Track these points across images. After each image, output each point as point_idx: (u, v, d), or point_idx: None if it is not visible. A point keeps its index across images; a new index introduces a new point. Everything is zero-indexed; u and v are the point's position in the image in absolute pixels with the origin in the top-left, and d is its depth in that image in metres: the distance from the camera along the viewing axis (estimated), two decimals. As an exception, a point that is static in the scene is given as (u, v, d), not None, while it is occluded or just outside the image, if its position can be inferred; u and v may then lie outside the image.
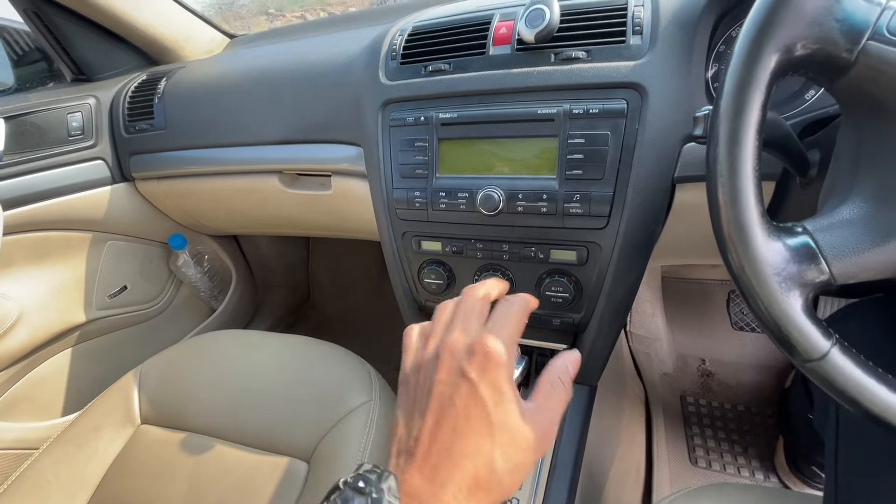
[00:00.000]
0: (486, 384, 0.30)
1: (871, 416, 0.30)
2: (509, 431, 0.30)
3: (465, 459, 0.29)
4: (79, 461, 0.69)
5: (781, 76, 0.30)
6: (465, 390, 0.31)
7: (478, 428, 0.30)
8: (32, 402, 0.89)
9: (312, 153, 0.76)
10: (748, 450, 0.93)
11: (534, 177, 0.55)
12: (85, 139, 0.86)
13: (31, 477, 0.67)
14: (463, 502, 0.29)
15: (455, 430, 0.30)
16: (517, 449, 0.30)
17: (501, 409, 0.30)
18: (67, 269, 0.91)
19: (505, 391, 0.31)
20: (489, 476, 0.30)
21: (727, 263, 0.33)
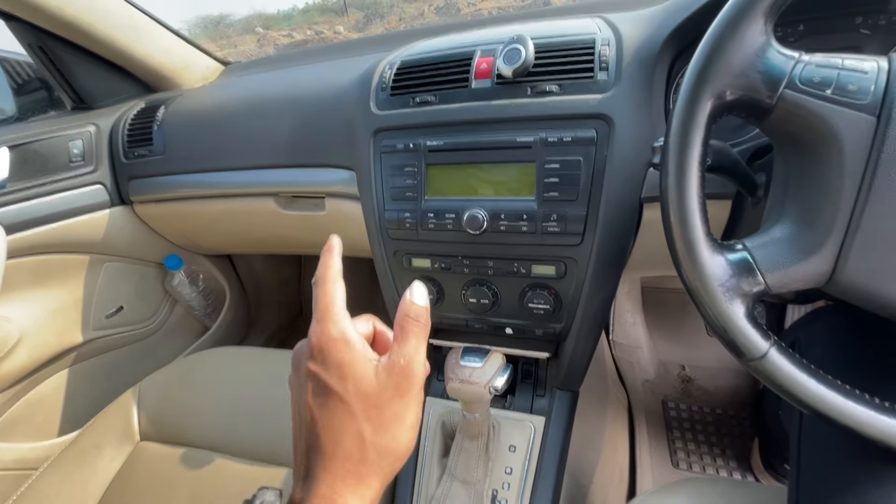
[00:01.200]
0: (328, 366, 0.30)
1: (805, 406, 0.35)
2: (365, 395, 0.30)
3: (334, 445, 0.29)
4: (79, 480, 0.71)
5: (718, 117, 0.36)
6: (311, 386, 0.30)
7: (335, 411, 0.30)
8: (30, 423, 0.90)
9: (307, 177, 0.80)
10: (726, 451, 0.98)
11: (515, 198, 0.59)
12: (85, 165, 0.90)
13: (33, 497, 0.69)
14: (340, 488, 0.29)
15: (313, 422, 0.30)
16: (381, 405, 0.30)
17: (350, 381, 0.30)
18: (66, 291, 0.93)
19: (346, 362, 0.30)
20: (363, 449, 0.29)
21: (680, 276, 0.38)
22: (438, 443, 0.68)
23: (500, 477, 0.61)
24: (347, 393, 0.30)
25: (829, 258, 0.34)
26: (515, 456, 0.62)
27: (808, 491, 0.40)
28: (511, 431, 0.65)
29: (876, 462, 0.36)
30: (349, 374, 0.30)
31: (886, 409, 0.33)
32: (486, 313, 0.66)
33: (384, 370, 0.31)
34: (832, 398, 0.34)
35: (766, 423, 0.86)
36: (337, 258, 0.35)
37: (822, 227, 0.34)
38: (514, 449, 0.63)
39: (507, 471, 0.61)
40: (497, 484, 0.61)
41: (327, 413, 0.30)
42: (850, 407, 0.34)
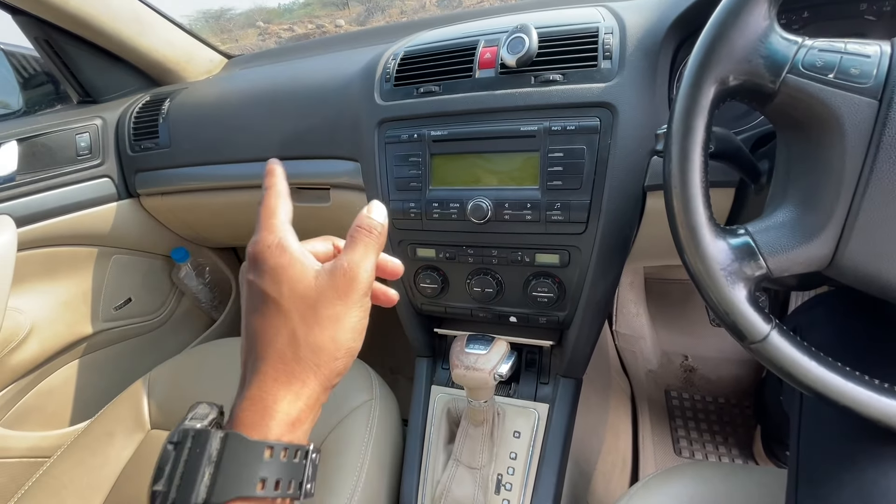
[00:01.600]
0: (263, 273, 0.30)
1: (805, 388, 0.36)
2: (300, 297, 0.29)
3: (266, 346, 0.29)
4: (92, 466, 0.72)
5: (721, 103, 0.36)
6: (248, 294, 0.31)
7: (267, 315, 0.29)
8: (42, 413, 0.92)
9: (312, 168, 0.80)
10: (728, 439, 0.98)
11: (518, 188, 0.60)
12: (92, 158, 0.90)
13: (48, 482, 0.70)
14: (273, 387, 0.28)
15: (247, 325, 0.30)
16: (318, 306, 0.29)
17: (285, 284, 0.29)
18: (75, 283, 0.94)
19: (280, 265, 0.30)
20: (296, 348, 0.29)
21: (683, 261, 0.39)
22: (444, 429, 0.69)
23: (504, 462, 0.62)
24: (282, 296, 0.29)
25: (831, 241, 0.34)
26: (520, 442, 0.63)
27: (807, 471, 0.41)
28: (515, 418, 0.66)
29: (874, 442, 0.37)
30: (284, 277, 0.30)
31: (885, 390, 0.34)
32: (491, 302, 0.67)
33: (326, 273, 0.30)
34: (832, 380, 0.35)
35: (767, 410, 0.87)
36: (280, 179, 0.35)
37: (823, 210, 0.34)
38: (518, 435, 0.64)
39: (512, 456, 0.62)
40: (502, 469, 0.62)
41: (261, 318, 0.30)
42: (849, 388, 0.34)
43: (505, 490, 0.60)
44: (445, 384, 0.75)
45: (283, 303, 0.30)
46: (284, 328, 0.29)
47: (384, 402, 0.73)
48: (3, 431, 0.85)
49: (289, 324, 0.29)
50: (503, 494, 0.60)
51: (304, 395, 0.29)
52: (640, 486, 0.55)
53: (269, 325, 0.30)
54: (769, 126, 0.55)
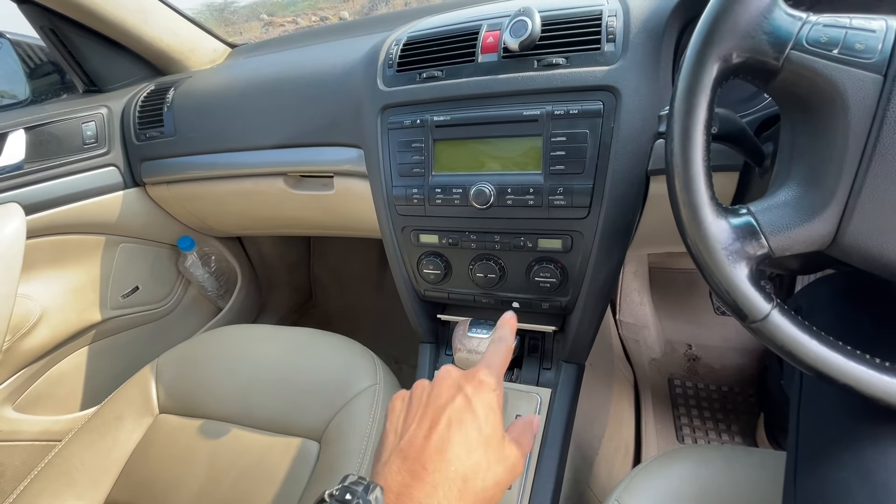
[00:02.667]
0: (479, 400, 0.34)
1: (806, 366, 0.36)
2: (496, 446, 0.33)
3: (457, 462, 0.31)
4: (103, 449, 0.74)
5: (724, 80, 0.36)
6: (460, 401, 0.34)
7: (470, 435, 0.33)
8: (53, 398, 0.94)
9: (315, 156, 0.81)
10: (731, 427, 0.99)
11: (521, 172, 0.60)
12: (98, 147, 0.91)
13: (60, 464, 0.72)
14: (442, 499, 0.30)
15: (449, 433, 0.32)
16: (501, 463, 0.33)
17: (490, 425, 0.34)
18: (83, 271, 0.96)
19: (495, 411, 0.35)
20: (476, 483, 0.31)
21: (685, 242, 0.39)
22: (447, 414, 0.69)
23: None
24: (486, 432, 0.33)
25: (833, 219, 0.34)
26: (522, 425, 0.64)
27: (806, 450, 0.41)
28: (518, 402, 0.66)
29: (874, 421, 0.37)
30: (492, 419, 0.34)
31: (886, 369, 0.34)
32: (493, 288, 0.67)
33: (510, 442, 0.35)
34: (833, 358, 0.35)
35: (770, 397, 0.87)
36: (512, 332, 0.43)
37: (826, 188, 0.34)
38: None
39: (514, 439, 0.63)
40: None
41: (463, 433, 0.33)
42: (850, 366, 0.34)
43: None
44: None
45: (484, 439, 0.33)
46: (477, 457, 0.32)
47: (388, 386, 0.74)
48: (16, 415, 0.87)
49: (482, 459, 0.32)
50: (505, 476, 0.61)
51: None
52: (641, 468, 0.56)
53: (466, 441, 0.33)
54: (774, 109, 0.54)
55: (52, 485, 0.70)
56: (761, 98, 0.56)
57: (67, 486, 0.70)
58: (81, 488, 0.70)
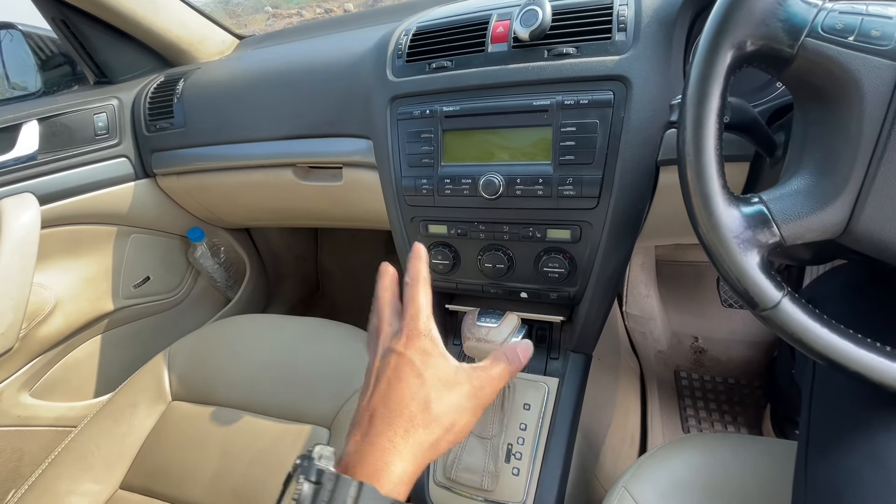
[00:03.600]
0: (413, 350, 0.36)
1: (817, 355, 0.36)
2: (441, 379, 0.36)
3: (401, 406, 0.34)
4: (117, 434, 0.75)
5: (737, 68, 0.36)
6: (393, 360, 0.36)
7: (409, 380, 0.35)
8: (68, 385, 0.95)
9: (324, 147, 0.81)
10: (737, 418, 0.99)
11: (530, 163, 0.60)
12: (110, 138, 0.92)
13: (76, 448, 0.74)
14: (399, 443, 0.33)
15: (389, 387, 0.35)
16: (451, 391, 0.36)
17: (431, 365, 0.36)
18: (96, 261, 0.97)
19: (431, 353, 0.37)
20: (424, 414, 0.34)
21: (696, 231, 0.39)
22: (455, 402, 0.70)
23: (514, 432, 0.63)
24: (426, 372, 0.36)
25: (846, 207, 0.34)
26: (530, 413, 0.65)
27: (818, 438, 0.41)
28: (526, 391, 0.67)
29: (885, 408, 0.37)
30: (429, 361, 0.36)
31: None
32: (502, 278, 0.67)
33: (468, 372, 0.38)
34: (844, 346, 0.35)
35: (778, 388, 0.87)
36: (424, 265, 0.43)
37: (839, 175, 0.34)
38: (528, 407, 0.65)
39: (522, 427, 0.64)
40: (512, 438, 0.63)
41: (401, 383, 0.35)
42: (861, 354, 0.34)
43: (515, 459, 0.61)
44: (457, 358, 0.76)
45: (426, 377, 0.36)
46: (420, 395, 0.35)
47: (396, 376, 0.74)
48: (33, 401, 0.89)
49: (425, 391, 0.35)
50: (513, 463, 0.61)
51: (418, 458, 0.34)
52: (648, 456, 0.56)
53: (407, 389, 0.35)
54: (786, 98, 0.54)
55: (69, 469, 0.71)
56: (773, 87, 0.56)
57: (84, 470, 0.71)
58: (98, 472, 0.72)
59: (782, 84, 0.54)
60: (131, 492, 0.70)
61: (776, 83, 0.56)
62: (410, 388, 0.35)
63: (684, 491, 0.52)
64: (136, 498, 0.69)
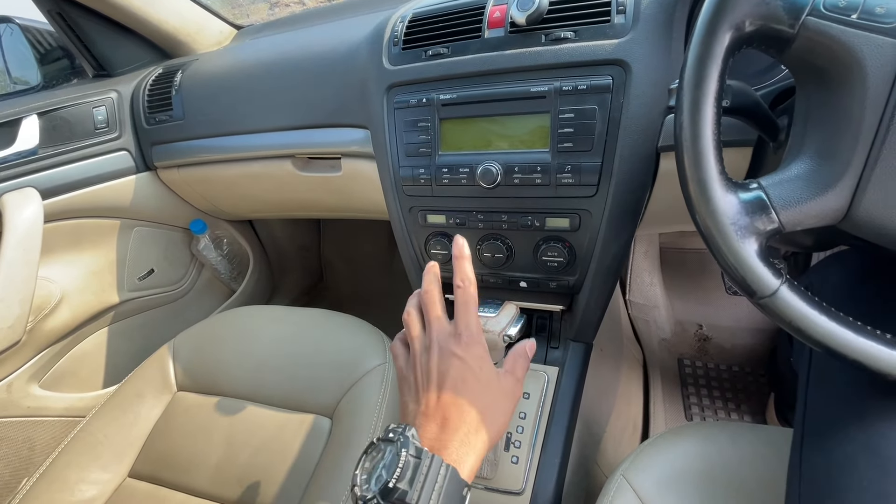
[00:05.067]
0: (472, 357, 0.41)
1: (815, 343, 0.35)
2: (493, 387, 0.41)
3: (469, 409, 0.39)
4: (125, 424, 0.77)
5: (736, 50, 0.35)
6: (457, 365, 0.40)
7: (473, 385, 0.40)
8: (76, 376, 0.97)
9: (322, 137, 0.81)
10: (741, 406, 0.99)
11: (528, 151, 0.59)
12: (110, 131, 0.92)
13: (85, 438, 0.75)
14: (472, 439, 0.38)
15: (456, 391, 0.39)
16: (503, 397, 0.41)
17: (485, 373, 0.41)
18: (100, 254, 0.98)
19: (485, 360, 0.42)
20: (486, 420, 0.39)
21: (693, 217, 0.38)
22: (455, 392, 0.70)
23: (514, 421, 0.64)
24: (483, 379, 0.40)
25: (846, 192, 0.33)
26: (529, 402, 0.65)
27: (814, 426, 0.41)
28: (525, 380, 0.66)
29: (882, 396, 0.37)
30: (485, 367, 0.41)
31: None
32: (501, 267, 0.67)
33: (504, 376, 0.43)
34: (842, 334, 0.34)
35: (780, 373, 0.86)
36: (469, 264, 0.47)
37: (840, 160, 0.33)
38: (527, 396, 0.65)
39: (521, 416, 0.64)
40: (511, 427, 0.63)
41: (467, 387, 0.39)
42: (860, 342, 0.34)
43: (514, 447, 0.62)
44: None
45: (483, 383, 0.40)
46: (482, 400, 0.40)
47: (397, 365, 0.75)
48: (42, 392, 0.91)
49: (486, 401, 0.40)
50: (512, 451, 0.62)
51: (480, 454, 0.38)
52: (647, 444, 0.56)
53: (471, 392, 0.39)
54: (790, 80, 0.53)
55: (79, 457, 0.73)
56: (777, 70, 0.54)
57: (93, 458, 0.73)
58: (106, 461, 0.73)
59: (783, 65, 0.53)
60: (139, 480, 0.71)
61: (780, 65, 0.54)
62: (474, 392, 0.39)
63: (683, 479, 0.52)
64: (144, 486, 0.71)
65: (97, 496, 0.70)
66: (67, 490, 0.69)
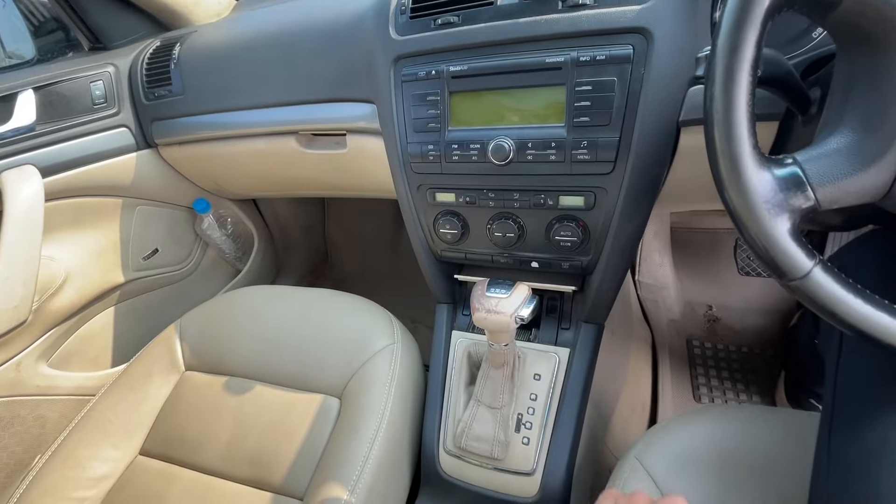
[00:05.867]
0: None
1: (849, 326, 0.34)
2: None
3: None
4: (133, 403, 0.77)
5: (776, 13, 0.32)
6: None
7: None
8: (84, 356, 0.97)
9: (327, 113, 0.78)
10: (750, 387, 0.98)
11: (543, 126, 0.57)
12: (108, 107, 0.90)
13: (94, 416, 0.76)
14: None
15: None
16: None
17: None
18: (104, 234, 0.97)
19: None
20: None
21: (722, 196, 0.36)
22: (465, 372, 0.70)
23: (524, 402, 0.63)
24: None
25: (891, 167, 0.31)
26: (540, 384, 0.64)
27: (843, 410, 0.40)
28: (536, 361, 0.66)
29: None
30: None
31: None
32: (512, 247, 0.65)
33: None
34: (878, 318, 0.33)
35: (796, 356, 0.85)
36: None
37: (885, 132, 0.31)
38: (538, 377, 0.65)
39: (532, 397, 0.63)
40: (522, 408, 0.63)
41: None
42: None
43: (525, 428, 0.61)
44: (466, 329, 0.76)
45: None
46: None
47: (406, 346, 0.74)
48: (51, 371, 0.91)
49: None
50: (523, 433, 0.61)
51: None
52: (660, 427, 0.56)
53: None
54: (824, 48, 0.50)
55: (90, 435, 0.73)
56: (809, 38, 0.51)
57: (103, 436, 0.73)
58: (116, 439, 0.73)
59: (824, 30, 0.50)
60: (150, 458, 0.72)
61: (812, 33, 0.51)
62: None
63: (696, 461, 0.51)
64: (155, 464, 0.71)
65: (109, 473, 0.71)
66: (80, 467, 0.70)
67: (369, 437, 0.62)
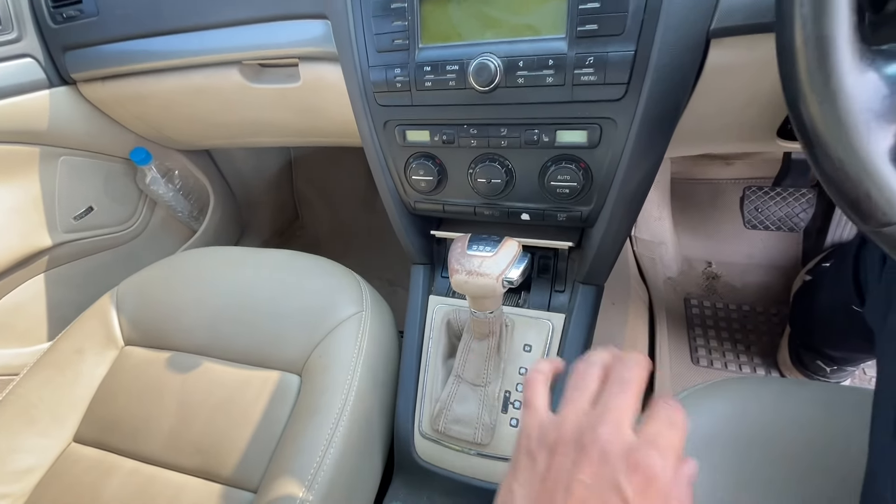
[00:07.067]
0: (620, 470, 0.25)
1: None
2: None
3: None
4: (63, 384, 0.67)
5: None
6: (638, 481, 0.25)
7: None
8: (12, 330, 0.86)
9: (274, 35, 0.64)
10: (750, 348, 0.92)
11: (537, 38, 0.45)
12: (5, 31, 0.73)
13: (15, 401, 0.65)
14: None
15: None
16: None
17: None
18: (20, 189, 0.82)
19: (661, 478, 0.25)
20: None
21: (793, 104, 0.25)
22: (443, 344, 0.61)
23: (513, 378, 0.55)
24: None
25: None
26: (530, 356, 0.56)
27: None
28: (526, 330, 0.57)
29: None
30: None
31: None
32: (498, 196, 0.55)
33: None
34: None
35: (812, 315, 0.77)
36: None
37: None
38: (528, 348, 0.56)
39: (521, 371, 0.55)
40: (510, 385, 0.54)
41: None
42: None
43: (513, 408, 0.53)
44: (445, 294, 0.66)
45: None
46: None
47: (376, 313, 0.65)
48: (-33, 348, 0.80)
49: None
50: (511, 413, 0.53)
51: None
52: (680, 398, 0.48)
53: None
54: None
55: (10, 423, 0.63)
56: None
57: (27, 424, 0.63)
58: (43, 425, 0.64)
59: None
60: (84, 445, 0.63)
61: None
62: None
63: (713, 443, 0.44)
64: (89, 452, 0.62)
65: (36, 465, 0.61)
66: (-1, 460, 0.60)
67: (332, 419, 0.54)
